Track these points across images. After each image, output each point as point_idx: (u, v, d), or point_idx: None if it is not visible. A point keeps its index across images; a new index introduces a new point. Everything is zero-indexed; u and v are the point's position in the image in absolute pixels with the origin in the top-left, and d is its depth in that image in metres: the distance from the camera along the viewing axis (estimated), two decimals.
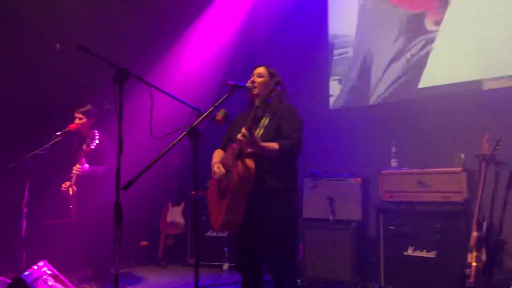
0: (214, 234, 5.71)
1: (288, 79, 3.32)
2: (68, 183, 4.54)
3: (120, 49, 5.41)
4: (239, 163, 2.74)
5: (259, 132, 2.79)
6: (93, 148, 4.28)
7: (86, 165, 4.36)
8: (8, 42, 5.12)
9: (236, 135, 2.77)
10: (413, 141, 4.80)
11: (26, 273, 2.81)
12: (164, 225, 6.01)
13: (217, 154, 3.11)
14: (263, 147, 2.71)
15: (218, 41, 6.60)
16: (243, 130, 2.64)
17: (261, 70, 3.05)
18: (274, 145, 2.76)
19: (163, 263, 5.88)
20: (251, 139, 2.63)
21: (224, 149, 3.09)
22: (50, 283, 3.01)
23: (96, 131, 4.33)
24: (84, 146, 4.28)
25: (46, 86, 5.43)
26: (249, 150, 2.73)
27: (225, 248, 5.55)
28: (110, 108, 5.37)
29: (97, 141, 4.26)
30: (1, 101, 5.11)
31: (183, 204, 6.01)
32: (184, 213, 5.98)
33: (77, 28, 5.36)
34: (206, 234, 5.70)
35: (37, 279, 2.91)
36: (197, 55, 6.48)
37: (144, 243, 6.19)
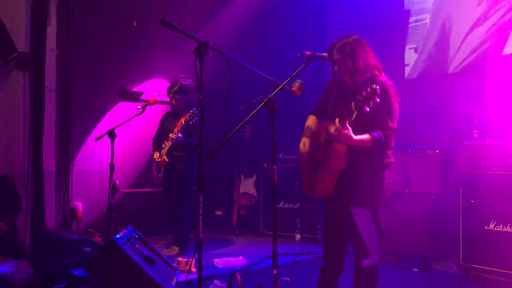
0: (286, 205, 5.80)
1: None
2: (158, 154, 4.81)
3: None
4: (334, 148, 2.74)
5: (352, 116, 2.63)
6: (191, 124, 4.50)
7: (180, 135, 4.57)
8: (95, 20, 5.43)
9: (332, 106, 2.87)
10: (496, 111, 4.52)
11: (118, 236, 3.04)
12: (237, 196, 6.18)
13: (312, 121, 3.10)
14: (356, 141, 2.69)
15: (290, 9, 6.54)
16: (337, 123, 2.60)
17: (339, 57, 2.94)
18: (367, 138, 2.73)
19: (237, 232, 6.08)
20: (345, 134, 2.62)
21: (318, 116, 3.10)
22: (137, 246, 3.23)
23: (195, 108, 4.50)
24: (183, 121, 4.49)
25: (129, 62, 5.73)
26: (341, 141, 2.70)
27: (297, 219, 5.62)
28: (187, 84, 5.57)
29: (196, 118, 4.45)
30: (85, 77, 5.43)
31: (255, 176, 6.13)
32: (256, 185, 6.11)
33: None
34: (278, 205, 5.79)
35: (126, 242, 3.14)
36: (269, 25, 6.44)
37: (218, 212, 6.43)
